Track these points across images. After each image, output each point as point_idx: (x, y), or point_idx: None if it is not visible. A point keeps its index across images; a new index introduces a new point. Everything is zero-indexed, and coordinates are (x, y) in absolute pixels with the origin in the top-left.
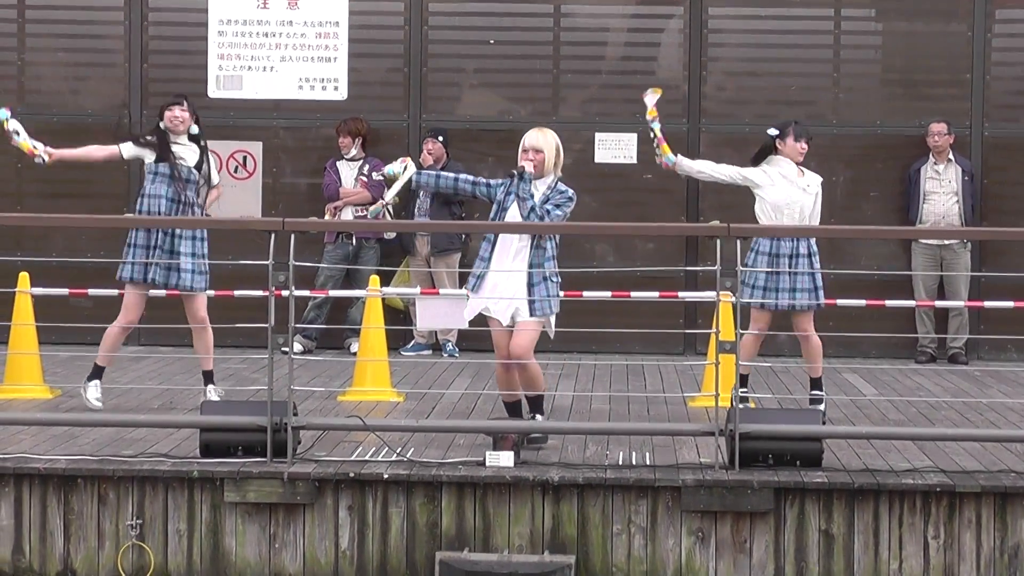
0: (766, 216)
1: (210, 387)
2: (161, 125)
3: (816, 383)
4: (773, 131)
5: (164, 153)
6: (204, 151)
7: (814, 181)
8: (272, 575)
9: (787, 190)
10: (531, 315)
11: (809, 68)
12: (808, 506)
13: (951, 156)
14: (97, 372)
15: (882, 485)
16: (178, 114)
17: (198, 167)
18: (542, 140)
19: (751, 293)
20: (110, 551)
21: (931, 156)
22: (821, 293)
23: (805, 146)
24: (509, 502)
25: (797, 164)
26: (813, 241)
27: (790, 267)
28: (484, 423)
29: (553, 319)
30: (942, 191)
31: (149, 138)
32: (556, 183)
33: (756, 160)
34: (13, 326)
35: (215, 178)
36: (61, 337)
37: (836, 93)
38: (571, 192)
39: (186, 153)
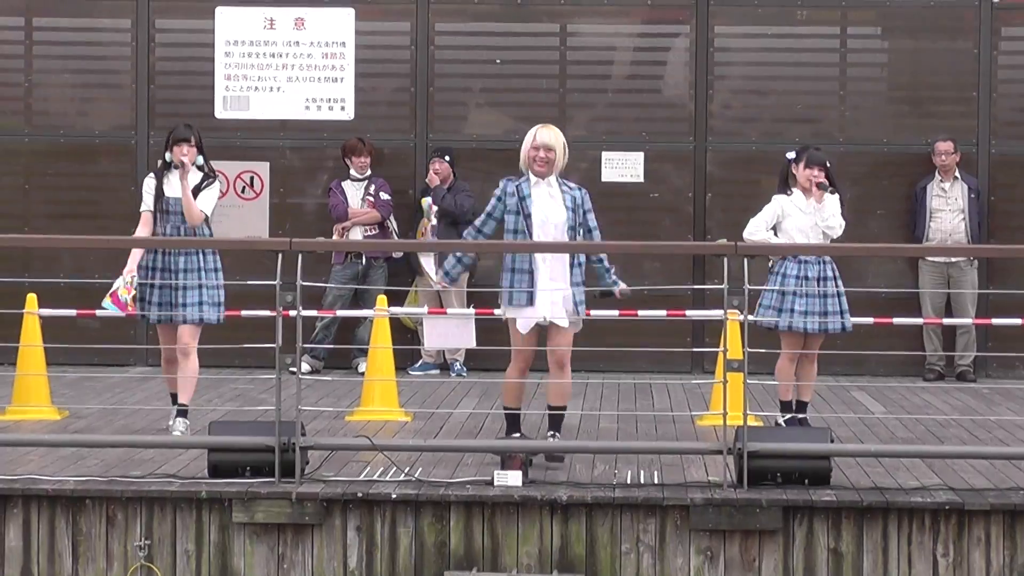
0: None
1: (179, 420)
2: (167, 157)
3: (804, 406)
4: (791, 154)
5: (160, 191)
6: (206, 177)
7: (830, 202)
8: None
9: (804, 218)
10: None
11: (815, 86)
12: (817, 524)
13: (957, 174)
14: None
15: (891, 503)
16: (186, 151)
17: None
18: (553, 138)
19: (786, 316)
20: (119, 572)
21: (937, 174)
22: (848, 316)
23: (817, 173)
24: (517, 521)
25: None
26: (835, 264)
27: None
28: (492, 442)
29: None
30: (948, 209)
31: (150, 183)
32: (563, 184)
33: (781, 186)
34: (21, 347)
35: (206, 206)
36: (69, 358)
37: (842, 111)
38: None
39: (174, 184)
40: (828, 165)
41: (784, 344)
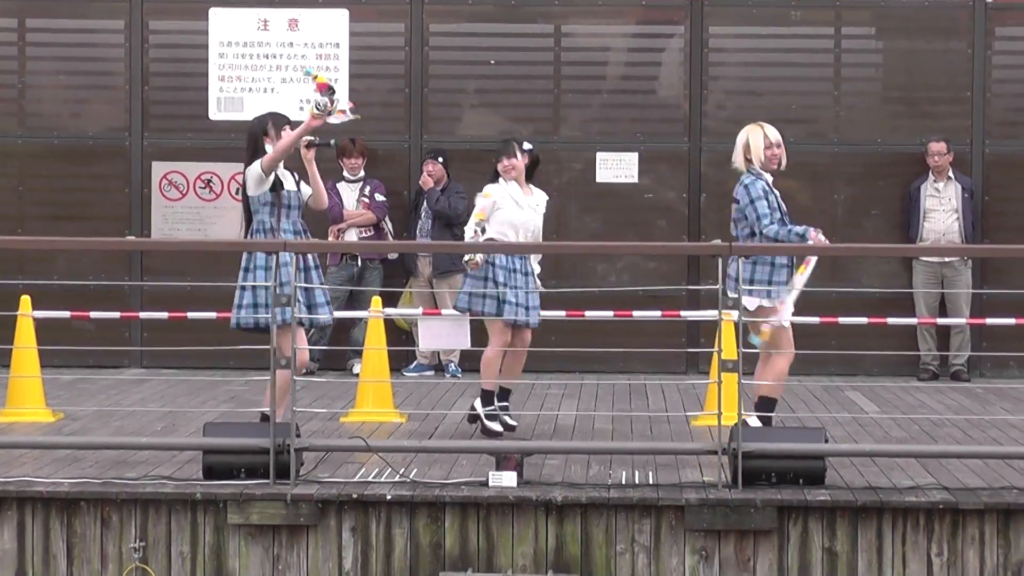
0: (500, 236)
1: None
2: (268, 148)
3: (507, 395)
4: (528, 144)
5: (276, 180)
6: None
7: (542, 200)
8: None
9: (516, 210)
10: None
11: (810, 86)
12: (811, 524)
13: (951, 174)
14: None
15: (885, 503)
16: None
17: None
18: None
19: (507, 307)
20: (113, 574)
21: (931, 174)
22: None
23: (506, 163)
24: (512, 522)
25: (525, 182)
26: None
27: (526, 284)
28: (487, 443)
29: None
30: (942, 209)
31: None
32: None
33: (494, 176)
34: (15, 349)
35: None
36: (63, 360)
37: (837, 111)
38: None
39: (287, 177)
40: (528, 149)
41: (496, 334)
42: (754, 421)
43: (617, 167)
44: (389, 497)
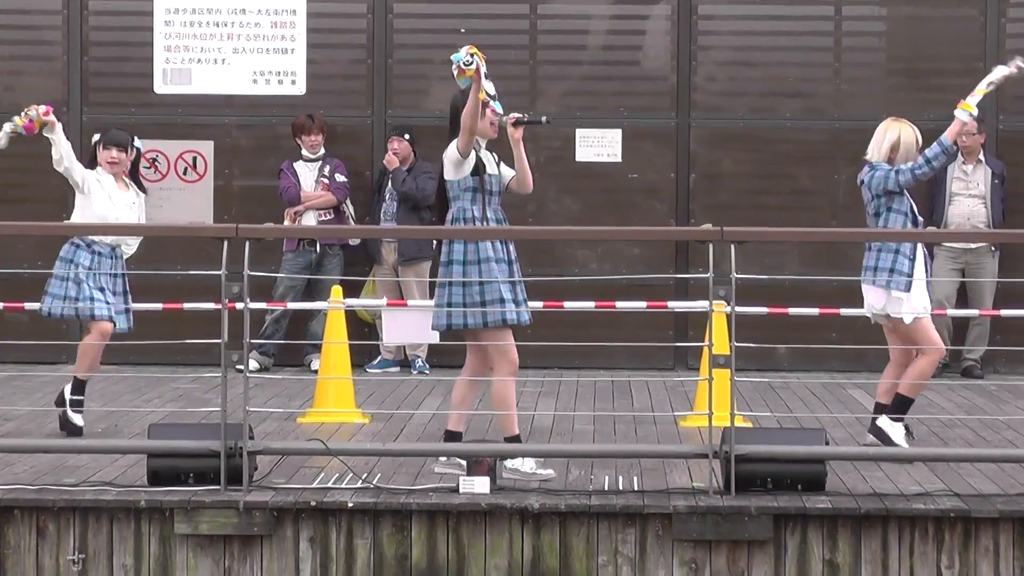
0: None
1: None
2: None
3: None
4: (96, 137)
5: (479, 163)
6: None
7: (140, 199)
8: None
9: (107, 205)
10: None
11: (808, 57)
12: (811, 534)
13: (981, 156)
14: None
15: (891, 511)
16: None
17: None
18: None
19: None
20: None
21: (960, 155)
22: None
23: (115, 155)
24: (485, 531)
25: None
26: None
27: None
28: (457, 446)
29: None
30: (968, 193)
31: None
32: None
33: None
34: None
35: None
36: None
37: (837, 84)
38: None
39: (488, 159)
40: (123, 146)
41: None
42: (884, 421)
43: (599, 144)
44: (351, 504)
